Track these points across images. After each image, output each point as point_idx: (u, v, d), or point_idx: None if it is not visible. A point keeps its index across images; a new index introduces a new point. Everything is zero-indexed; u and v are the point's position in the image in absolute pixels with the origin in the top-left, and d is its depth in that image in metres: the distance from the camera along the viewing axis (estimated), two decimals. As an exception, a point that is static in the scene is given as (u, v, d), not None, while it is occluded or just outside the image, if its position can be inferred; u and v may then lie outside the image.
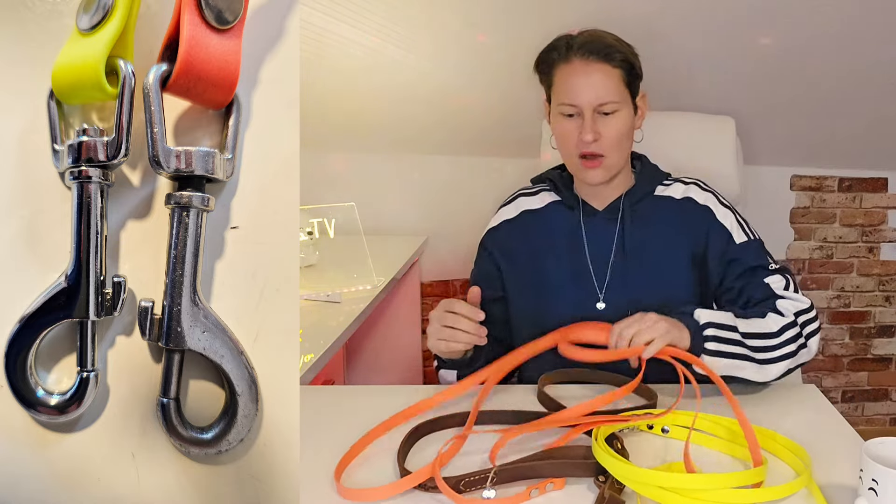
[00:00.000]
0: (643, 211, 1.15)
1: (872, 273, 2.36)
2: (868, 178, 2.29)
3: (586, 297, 1.14)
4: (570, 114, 1.09)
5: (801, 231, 2.32)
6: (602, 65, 1.07)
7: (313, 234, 1.70)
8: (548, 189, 1.21)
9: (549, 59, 1.11)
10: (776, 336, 1.02)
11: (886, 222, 2.33)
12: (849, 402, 2.44)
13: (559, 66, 1.10)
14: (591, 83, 1.07)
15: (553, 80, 1.11)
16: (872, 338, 2.40)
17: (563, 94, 1.09)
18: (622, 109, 1.09)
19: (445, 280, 2.34)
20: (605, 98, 1.07)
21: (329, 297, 1.55)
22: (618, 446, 0.85)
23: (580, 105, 1.07)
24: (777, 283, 1.09)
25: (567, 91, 1.08)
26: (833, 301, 2.38)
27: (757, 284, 1.09)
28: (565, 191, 1.18)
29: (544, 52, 1.13)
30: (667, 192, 1.16)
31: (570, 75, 1.08)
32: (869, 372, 2.43)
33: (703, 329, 0.97)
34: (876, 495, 0.71)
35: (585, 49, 1.08)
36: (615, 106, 1.08)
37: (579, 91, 1.07)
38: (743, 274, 1.11)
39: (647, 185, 1.16)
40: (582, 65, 1.08)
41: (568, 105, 1.08)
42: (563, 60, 1.09)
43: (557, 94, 1.10)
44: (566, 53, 1.09)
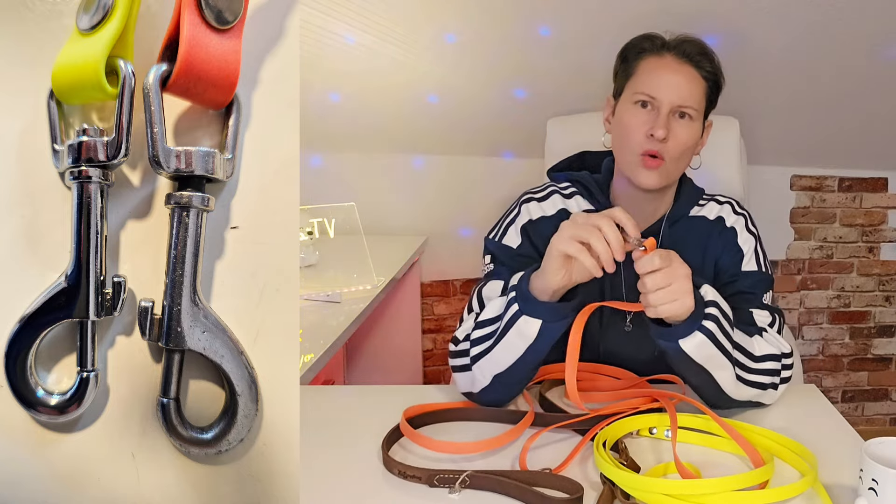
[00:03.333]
0: (678, 233, 1.10)
1: (872, 273, 2.36)
2: (868, 178, 2.29)
3: (615, 317, 1.11)
4: (644, 104, 1.04)
5: (801, 231, 2.32)
6: (693, 70, 1.05)
7: (313, 234, 1.70)
8: (578, 192, 1.14)
9: (640, 48, 1.07)
10: (757, 360, 0.97)
11: (886, 222, 2.33)
12: (849, 402, 2.44)
13: (648, 58, 1.06)
14: (677, 82, 1.04)
15: (636, 69, 1.07)
16: (872, 338, 2.40)
17: (644, 84, 1.04)
18: (695, 120, 1.05)
19: (445, 280, 2.34)
20: (687, 101, 1.03)
21: (329, 297, 1.55)
22: (625, 456, 0.85)
23: (660, 99, 1.03)
24: (762, 317, 1.04)
25: (650, 82, 1.04)
26: (833, 301, 2.38)
27: (739, 311, 1.02)
28: (603, 200, 1.11)
29: (636, 40, 1.08)
30: (701, 213, 1.12)
31: (658, 68, 1.05)
32: (869, 372, 2.43)
33: (707, 305, 0.90)
34: (876, 495, 0.71)
35: (681, 49, 1.05)
36: (692, 112, 1.04)
37: (664, 85, 1.03)
38: (733, 296, 1.04)
39: (685, 207, 1.12)
40: (674, 62, 1.05)
41: (647, 95, 1.03)
42: (654, 53, 1.06)
43: (637, 83, 1.05)
44: (660, 47, 1.06)
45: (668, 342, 0.90)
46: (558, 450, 0.89)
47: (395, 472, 0.84)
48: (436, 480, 0.81)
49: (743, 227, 1.11)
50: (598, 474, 0.82)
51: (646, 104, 1.04)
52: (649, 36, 1.07)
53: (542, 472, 0.82)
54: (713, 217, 1.12)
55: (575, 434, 0.93)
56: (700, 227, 1.11)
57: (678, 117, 1.04)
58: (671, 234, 1.10)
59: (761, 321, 1.03)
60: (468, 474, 0.80)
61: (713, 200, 1.14)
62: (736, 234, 1.10)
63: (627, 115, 1.05)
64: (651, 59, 1.06)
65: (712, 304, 0.91)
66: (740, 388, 0.96)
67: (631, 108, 1.05)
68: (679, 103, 1.03)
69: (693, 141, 1.06)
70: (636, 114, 1.04)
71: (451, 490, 0.80)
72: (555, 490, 0.80)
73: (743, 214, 1.12)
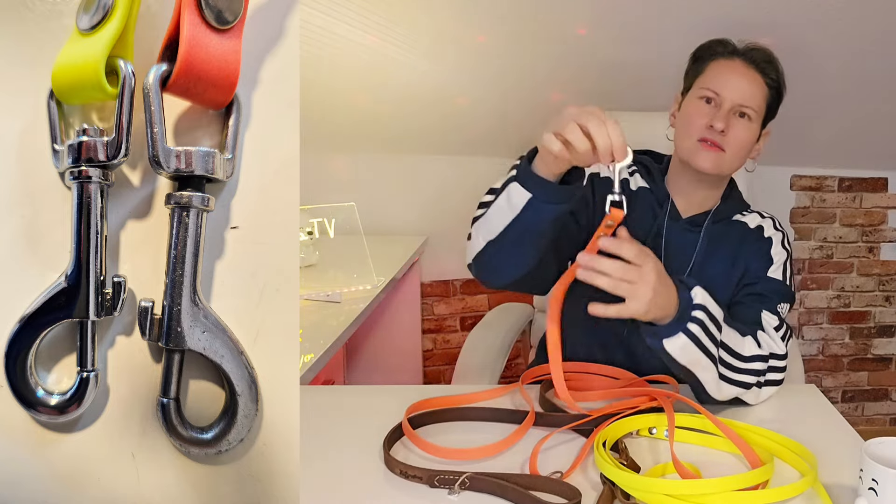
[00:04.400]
0: (718, 232, 1.16)
1: (872, 273, 2.36)
2: (868, 178, 2.30)
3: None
4: (708, 99, 1.11)
5: (801, 231, 2.32)
6: (758, 76, 1.12)
7: (313, 234, 1.70)
8: (637, 172, 1.20)
9: (713, 50, 1.15)
10: (745, 360, 1.00)
11: (886, 222, 2.33)
12: (849, 402, 2.44)
13: (719, 59, 1.14)
14: (742, 83, 1.11)
15: (705, 68, 1.14)
16: (872, 338, 2.40)
17: (711, 82, 1.12)
18: (754, 122, 1.12)
19: (445, 280, 2.34)
20: (748, 102, 1.11)
21: (329, 297, 1.55)
22: (625, 456, 0.85)
23: (724, 96, 1.10)
24: (770, 320, 1.07)
25: (717, 80, 1.12)
26: (833, 301, 2.38)
27: (751, 308, 1.08)
28: (659, 181, 1.19)
29: (710, 42, 1.16)
30: (744, 220, 1.18)
31: (726, 69, 1.12)
32: (869, 372, 2.43)
33: (693, 308, 0.93)
34: (876, 495, 0.71)
35: (750, 56, 1.13)
36: (752, 113, 1.11)
37: (729, 84, 1.11)
38: (749, 295, 1.11)
39: (731, 210, 1.18)
40: (742, 66, 1.12)
41: (711, 91, 1.11)
42: (725, 56, 1.14)
43: (705, 81, 1.13)
44: (731, 52, 1.14)
45: (653, 340, 0.93)
46: (561, 451, 0.89)
47: (396, 471, 0.84)
48: (436, 481, 0.81)
49: (779, 241, 1.16)
50: (598, 474, 0.82)
51: (710, 100, 1.11)
52: (722, 41, 1.16)
53: (540, 477, 0.82)
54: (753, 226, 1.17)
55: (577, 435, 0.93)
56: (738, 231, 1.17)
57: (738, 116, 1.11)
58: (711, 230, 1.16)
59: (768, 323, 1.06)
60: (468, 476, 0.80)
61: (757, 213, 1.20)
62: (771, 244, 1.15)
63: (692, 108, 1.13)
64: (721, 62, 1.14)
65: (699, 308, 0.93)
66: (722, 388, 0.99)
67: (696, 102, 1.13)
68: (740, 102, 1.10)
69: (749, 141, 1.13)
70: (700, 107, 1.12)
71: (450, 491, 0.80)
72: (553, 495, 0.80)
73: (782, 231, 1.18)
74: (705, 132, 1.10)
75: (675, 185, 1.18)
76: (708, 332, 0.94)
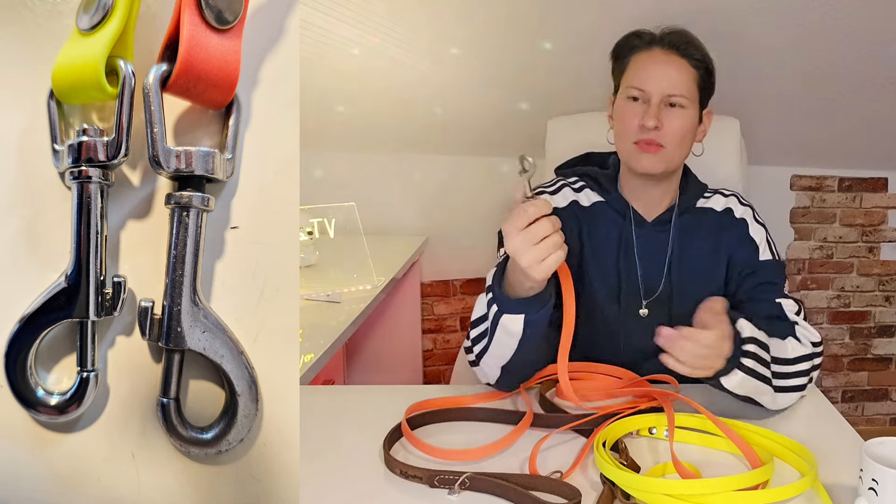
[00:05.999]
0: (687, 223, 1.14)
1: (872, 273, 2.36)
2: (868, 178, 2.29)
3: (631, 302, 1.14)
4: (635, 97, 1.08)
5: (801, 231, 2.32)
6: (681, 60, 1.08)
7: (313, 234, 1.70)
8: (587, 186, 1.18)
9: (630, 45, 1.12)
10: (792, 363, 0.98)
11: (886, 222, 2.33)
12: (849, 402, 2.44)
13: (638, 53, 1.10)
14: (665, 73, 1.08)
15: (627, 65, 1.11)
16: (872, 338, 2.40)
17: (634, 79, 1.09)
18: (689, 108, 1.09)
19: (445, 280, 2.34)
20: (676, 90, 1.07)
21: (329, 297, 1.55)
22: (625, 456, 0.85)
23: (649, 91, 1.07)
24: (790, 307, 1.06)
25: (639, 76, 1.09)
26: (833, 301, 2.38)
27: (766, 301, 1.07)
28: (613, 191, 1.15)
29: (626, 38, 1.13)
30: (708, 204, 1.16)
31: (646, 62, 1.09)
32: (869, 372, 2.43)
33: (744, 343, 0.92)
34: (876, 495, 0.71)
35: (668, 41, 1.09)
36: (683, 101, 1.08)
37: (652, 77, 1.08)
38: (755, 287, 1.10)
39: (692, 199, 1.16)
40: (662, 55, 1.09)
41: (637, 89, 1.08)
42: (643, 48, 1.10)
43: (628, 78, 1.10)
44: (649, 43, 1.10)
45: (710, 380, 0.92)
46: (561, 451, 0.89)
47: (396, 471, 0.84)
48: (436, 481, 0.81)
49: (752, 218, 1.15)
50: (598, 474, 0.82)
51: (637, 97, 1.08)
52: (638, 33, 1.12)
53: (540, 477, 0.82)
54: (721, 208, 1.15)
55: (578, 435, 0.93)
56: (710, 217, 1.15)
57: (669, 107, 1.08)
58: (681, 224, 1.14)
59: (790, 311, 1.06)
60: (468, 476, 0.80)
61: (718, 193, 1.18)
62: (747, 225, 1.14)
63: (622, 110, 1.10)
64: (640, 55, 1.10)
65: (750, 341, 0.92)
66: (778, 399, 0.98)
67: (625, 102, 1.10)
68: (668, 92, 1.07)
69: (688, 128, 1.09)
70: (629, 107, 1.09)
71: (450, 491, 0.80)
72: (553, 495, 0.80)
73: (749, 206, 1.16)
74: (640, 133, 1.07)
75: (630, 191, 1.15)
76: (761, 360, 0.93)
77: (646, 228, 1.14)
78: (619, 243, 1.14)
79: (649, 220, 1.15)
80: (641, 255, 1.13)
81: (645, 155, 1.07)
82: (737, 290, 1.13)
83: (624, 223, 1.14)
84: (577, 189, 1.17)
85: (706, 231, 1.14)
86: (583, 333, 1.10)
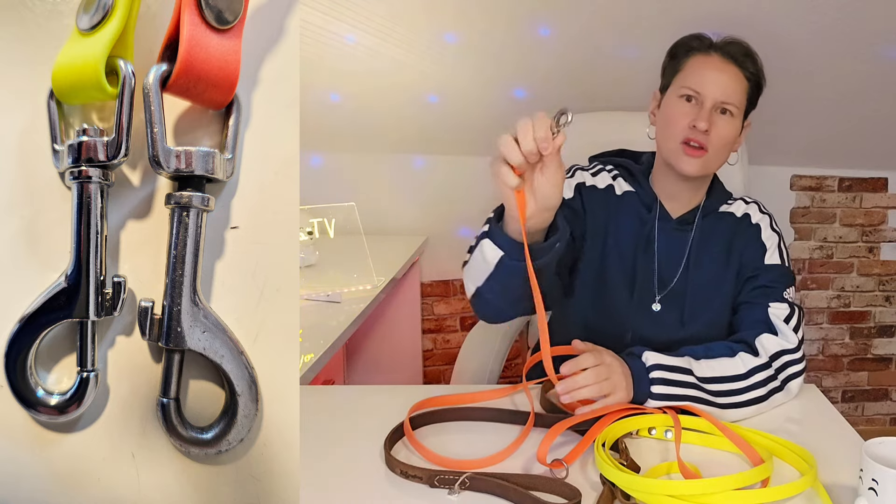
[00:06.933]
0: (708, 226, 1.16)
1: (872, 273, 2.36)
2: (868, 178, 2.30)
3: (645, 296, 1.16)
4: (689, 97, 1.10)
5: (801, 231, 2.32)
6: (737, 70, 1.11)
7: (313, 234, 1.70)
8: (620, 175, 1.20)
9: (689, 47, 1.14)
10: (743, 378, 1.00)
11: (886, 222, 2.33)
12: (849, 402, 2.44)
13: (696, 56, 1.12)
14: (722, 80, 1.10)
15: (683, 66, 1.13)
16: (872, 338, 2.40)
17: (690, 80, 1.11)
18: (736, 118, 1.11)
19: (445, 280, 2.34)
20: (729, 98, 1.10)
21: (329, 297, 1.55)
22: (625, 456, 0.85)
23: (704, 94, 1.09)
24: (780, 311, 1.07)
25: (695, 78, 1.11)
26: (833, 301, 2.38)
27: (760, 306, 1.08)
28: (645, 185, 1.18)
29: (686, 39, 1.15)
30: (730, 210, 1.18)
31: (704, 66, 1.11)
32: (869, 372, 2.43)
33: (649, 371, 0.95)
34: (876, 495, 0.71)
35: (727, 50, 1.11)
36: (733, 109, 1.10)
37: (708, 82, 1.10)
38: (754, 290, 1.11)
39: (717, 203, 1.18)
40: (720, 61, 1.11)
41: (691, 90, 1.10)
42: (702, 52, 1.12)
43: (683, 78, 1.12)
44: (708, 47, 1.12)
45: None
46: (561, 451, 0.89)
47: (397, 471, 0.84)
48: (436, 481, 0.81)
49: (767, 224, 1.17)
50: (598, 475, 0.82)
51: (690, 98, 1.10)
52: (698, 36, 1.14)
53: (541, 477, 0.82)
54: (740, 214, 1.18)
55: (579, 436, 0.93)
56: (728, 222, 1.17)
57: (720, 113, 1.10)
58: (702, 226, 1.16)
59: (776, 315, 1.07)
60: (468, 476, 0.80)
61: (741, 200, 1.20)
62: (760, 230, 1.16)
63: (673, 108, 1.12)
64: (698, 58, 1.12)
65: (655, 368, 0.95)
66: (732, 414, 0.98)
67: (676, 101, 1.12)
68: (722, 99, 1.09)
69: (733, 136, 1.12)
70: (681, 106, 1.11)
71: (450, 491, 0.80)
72: (553, 495, 0.80)
73: (768, 214, 1.19)
74: (688, 132, 1.09)
75: (661, 187, 1.18)
76: (674, 383, 0.95)
77: (669, 225, 1.16)
78: (641, 236, 1.16)
79: (674, 218, 1.16)
80: (661, 251, 1.15)
81: (689, 158, 1.10)
82: (739, 292, 1.13)
83: (649, 217, 1.16)
84: (612, 176, 1.20)
85: (723, 234, 1.16)
86: (592, 319, 1.13)
